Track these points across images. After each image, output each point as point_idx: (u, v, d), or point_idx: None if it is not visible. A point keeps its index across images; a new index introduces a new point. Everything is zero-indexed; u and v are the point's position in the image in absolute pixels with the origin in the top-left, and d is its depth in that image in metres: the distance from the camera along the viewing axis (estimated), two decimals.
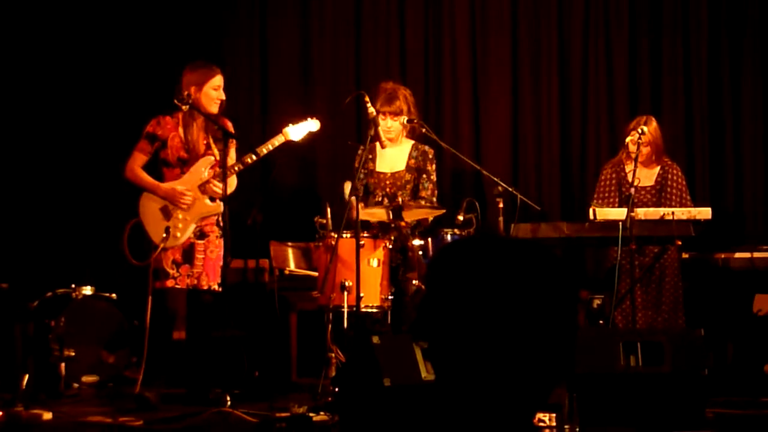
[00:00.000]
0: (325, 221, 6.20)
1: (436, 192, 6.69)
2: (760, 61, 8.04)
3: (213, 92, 6.06)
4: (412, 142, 6.77)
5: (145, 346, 5.96)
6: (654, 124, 6.88)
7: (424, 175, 6.70)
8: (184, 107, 5.99)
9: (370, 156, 6.64)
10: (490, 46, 8.23)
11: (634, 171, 6.47)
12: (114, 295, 7.04)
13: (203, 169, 6.06)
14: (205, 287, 6.04)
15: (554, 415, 5.00)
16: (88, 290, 6.96)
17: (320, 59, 8.30)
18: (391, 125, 6.59)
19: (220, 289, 6.03)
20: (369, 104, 6.16)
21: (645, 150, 6.77)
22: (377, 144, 6.60)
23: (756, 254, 6.61)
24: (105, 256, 7.40)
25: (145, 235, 6.06)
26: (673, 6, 8.14)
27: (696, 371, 5.13)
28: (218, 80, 6.10)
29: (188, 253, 6.06)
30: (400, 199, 6.39)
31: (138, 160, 6.12)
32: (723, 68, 8.08)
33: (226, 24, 8.32)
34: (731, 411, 5.61)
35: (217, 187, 5.92)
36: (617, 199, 6.89)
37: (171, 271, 6.01)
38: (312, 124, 6.25)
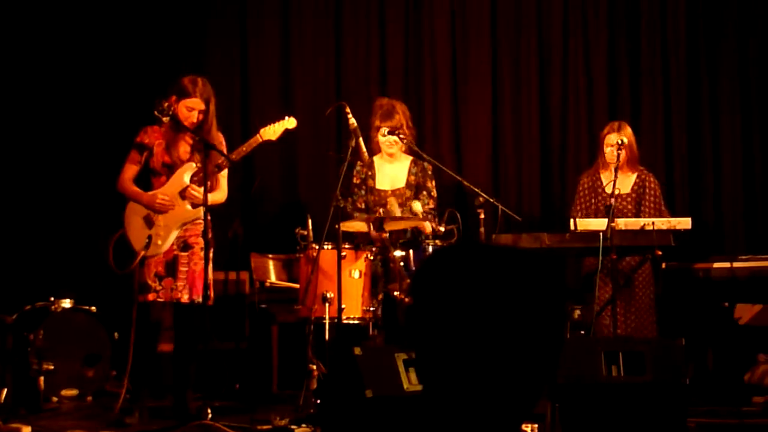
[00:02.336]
0: (306, 233, 6.19)
1: (436, 207, 6.70)
2: (738, 63, 8.10)
3: (186, 111, 6.01)
4: (411, 158, 6.77)
5: (129, 360, 5.91)
6: (628, 129, 6.90)
7: (425, 192, 6.69)
8: (164, 119, 5.96)
9: (370, 173, 6.64)
10: (470, 57, 8.26)
11: (614, 182, 6.48)
12: (94, 308, 6.99)
13: (185, 175, 6.03)
14: (187, 300, 5.98)
15: (536, 425, 5.00)
16: (67, 303, 6.91)
17: (301, 69, 8.28)
18: (391, 140, 6.59)
19: (202, 301, 5.99)
20: (350, 115, 6.15)
21: (621, 156, 6.79)
22: (375, 160, 6.61)
23: (736, 264, 6.63)
24: (86, 268, 7.36)
25: (129, 246, 6.02)
26: (650, 8, 8.19)
27: (677, 381, 5.14)
28: (194, 103, 6.02)
29: (171, 265, 6.01)
30: (381, 210, 6.39)
31: (129, 172, 6.08)
32: (701, 71, 8.14)
33: (207, 35, 8.29)
34: (712, 420, 5.63)
35: (197, 192, 5.90)
36: (593, 208, 6.90)
37: (153, 284, 5.96)
38: (288, 122, 6.20)
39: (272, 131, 6.10)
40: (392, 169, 6.75)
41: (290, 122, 6.19)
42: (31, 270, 7.60)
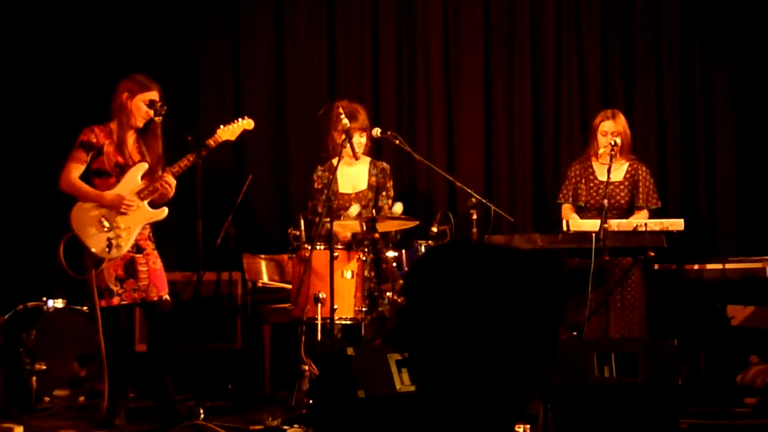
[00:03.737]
0: (298, 233, 6.19)
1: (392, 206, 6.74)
2: (731, 62, 8.12)
3: (143, 105, 5.98)
4: (369, 159, 6.78)
5: (104, 364, 5.85)
6: (622, 118, 6.89)
7: (384, 192, 6.73)
8: (157, 119, 5.93)
9: (332, 177, 6.58)
10: (463, 58, 8.25)
11: (607, 183, 6.49)
12: (86, 308, 6.97)
13: (137, 175, 5.97)
14: (155, 298, 5.92)
15: (529, 426, 5.00)
16: (59, 303, 6.89)
17: (294, 69, 8.27)
18: (360, 141, 6.57)
19: (170, 299, 5.98)
20: (343, 116, 6.16)
21: (615, 150, 6.79)
22: (333, 163, 6.57)
23: (728, 265, 6.64)
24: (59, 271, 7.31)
25: (83, 248, 5.90)
26: (644, 8, 8.21)
27: (669, 382, 5.15)
28: (151, 95, 6.00)
29: (130, 267, 5.92)
30: (373, 212, 6.39)
31: (76, 171, 5.97)
32: (695, 70, 8.16)
33: (199, 35, 8.26)
34: (705, 421, 5.64)
35: (169, 185, 5.88)
36: (584, 195, 6.87)
37: (115, 288, 5.88)
38: (246, 123, 6.18)
39: (230, 131, 6.09)
40: (353, 172, 6.74)
41: (248, 123, 6.17)
42: (22, 270, 7.57)
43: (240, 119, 6.14)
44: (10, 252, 7.68)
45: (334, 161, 6.44)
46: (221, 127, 6.06)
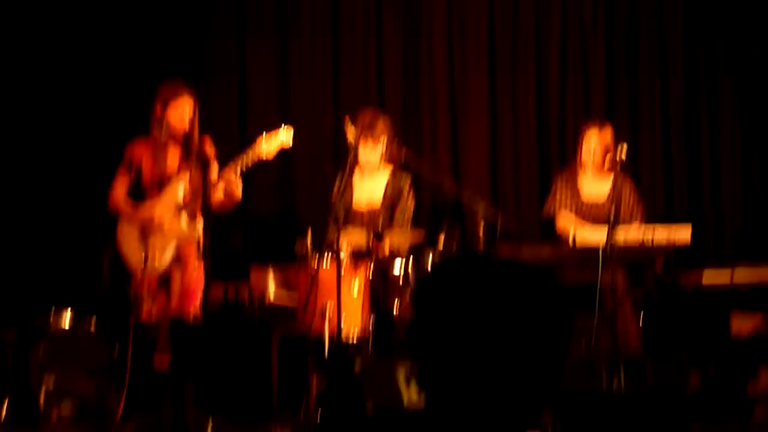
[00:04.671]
0: (306, 244, 6.17)
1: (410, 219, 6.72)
2: (736, 65, 8.10)
3: (176, 114, 5.99)
4: (391, 167, 6.75)
5: (126, 379, 5.86)
6: (609, 128, 6.87)
7: (401, 206, 6.70)
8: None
9: (347, 189, 6.56)
10: (467, 64, 8.22)
11: (616, 195, 6.47)
12: (95, 322, 6.96)
13: (178, 189, 5.99)
14: (184, 315, 5.96)
15: None
16: (68, 316, 6.88)
17: (299, 69, 8.26)
18: (373, 151, 6.56)
19: (199, 315, 5.98)
20: (349, 129, 6.15)
21: (598, 158, 6.78)
22: (355, 173, 6.57)
23: (734, 272, 6.62)
24: (86, 282, 7.31)
25: (124, 264, 5.99)
26: (648, 13, 8.20)
27: (679, 392, 5.14)
28: (185, 101, 6.01)
29: (164, 281, 5.97)
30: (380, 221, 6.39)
31: (120, 188, 6.03)
32: (699, 74, 8.15)
33: (204, 40, 8.26)
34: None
35: (236, 185, 5.89)
36: (571, 209, 6.85)
37: (147, 304, 5.92)
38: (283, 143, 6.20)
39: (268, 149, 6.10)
40: (370, 184, 6.72)
41: (287, 143, 6.17)
42: (31, 283, 7.56)
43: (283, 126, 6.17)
44: (20, 265, 7.67)
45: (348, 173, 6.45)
46: (261, 137, 6.05)
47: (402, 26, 8.30)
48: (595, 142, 6.79)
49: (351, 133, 6.14)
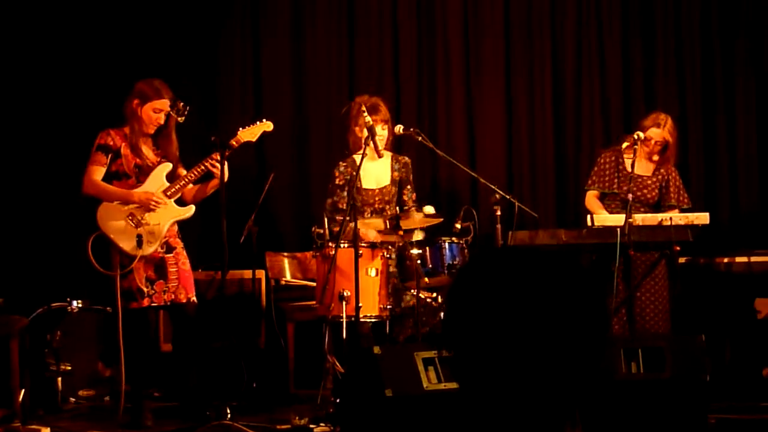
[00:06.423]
0: (322, 231, 6.18)
1: (415, 199, 6.74)
2: (753, 62, 8.08)
3: (153, 113, 6.02)
4: (390, 153, 6.77)
5: (121, 365, 5.84)
6: (671, 122, 6.84)
7: (409, 186, 6.74)
8: (180, 119, 5.98)
9: (355, 173, 6.54)
10: (483, 52, 8.22)
11: (631, 177, 6.46)
12: (110, 308, 6.97)
13: (162, 174, 6.02)
14: (184, 300, 5.96)
15: None
16: (83, 303, 6.90)
17: (314, 68, 8.26)
18: (382, 134, 6.55)
19: (196, 300, 6.01)
20: (365, 113, 6.14)
21: (657, 150, 6.78)
22: (356, 159, 6.55)
23: (753, 258, 6.61)
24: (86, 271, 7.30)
25: (114, 247, 5.91)
26: (665, 11, 8.17)
27: (697, 377, 5.13)
28: (162, 104, 6.03)
29: (160, 267, 5.95)
30: (397, 209, 6.38)
31: (98, 174, 5.99)
32: (716, 70, 8.12)
33: (220, 35, 8.25)
34: (733, 416, 5.61)
35: (216, 167, 5.91)
36: (616, 184, 6.82)
37: (146, 289, 5.91)
38: (266, 125, 6.21)
39: (250, 133, 6.13)
40: (376, 167, 6.72)
41: (267, 125, 6.20)
42: (46, 271, 7.58)
43: (259, 121, 6.18)
44: (34, 254, 7.68)
45: (357, 157, 6.42)
46: (242, 128, 6.10)
47: (417, 20, 8.28)
48: (652, 136, 6.75)
49: (366, 117, 6.12)
